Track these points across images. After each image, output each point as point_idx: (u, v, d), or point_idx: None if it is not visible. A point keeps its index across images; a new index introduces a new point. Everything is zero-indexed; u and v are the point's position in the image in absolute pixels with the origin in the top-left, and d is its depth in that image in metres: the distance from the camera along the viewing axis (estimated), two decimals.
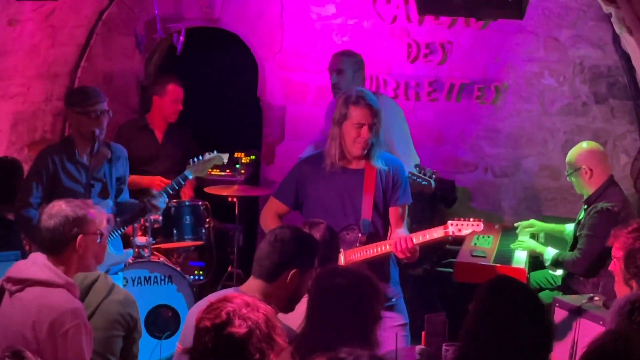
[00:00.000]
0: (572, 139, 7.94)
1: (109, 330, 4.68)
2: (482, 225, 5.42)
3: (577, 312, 5.33)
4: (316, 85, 8.57)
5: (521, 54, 8.15)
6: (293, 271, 4.21)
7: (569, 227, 6.93)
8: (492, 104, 8.25)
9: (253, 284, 4.22)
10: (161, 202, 6.46)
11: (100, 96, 6.23)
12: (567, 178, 6.71)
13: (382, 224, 5.61)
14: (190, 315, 4.21)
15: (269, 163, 8.79)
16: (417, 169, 6.38)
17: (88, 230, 4.45)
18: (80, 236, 4.39)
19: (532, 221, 7.20)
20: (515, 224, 7.09)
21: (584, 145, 6.73)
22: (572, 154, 6.68)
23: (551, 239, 7.17)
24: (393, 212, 5.63)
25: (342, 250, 5.40)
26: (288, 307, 4.25)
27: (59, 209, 4.42)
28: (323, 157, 5.59)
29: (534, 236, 7.16)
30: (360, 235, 5.47)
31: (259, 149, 8.82)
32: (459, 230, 5.40)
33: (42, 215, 4.45)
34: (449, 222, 5.40)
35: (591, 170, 6.54)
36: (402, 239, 5.36)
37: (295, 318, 4.13)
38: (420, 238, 5.40)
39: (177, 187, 6.67)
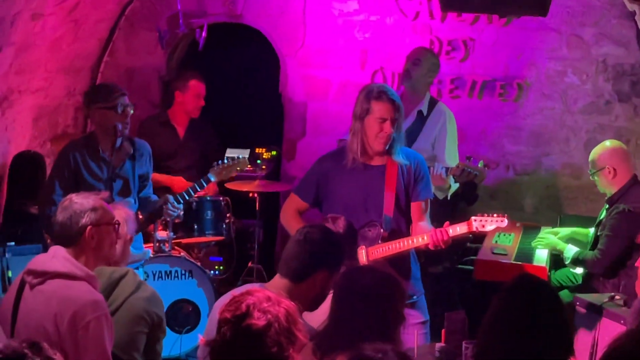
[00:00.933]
0: (594, 137, 7.91)
1: (134, 327, 4.69)
2: (506, 221, 5.39)
3: (598, 310, 5.32)
4: (338, 82, 8.57)
5: (544, 52, 8.13)
6: (322, 273, 4.22)
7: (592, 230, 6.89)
8: (514, 102, 8.22)
9: (279, 282, 4.22)
10: (176, 212, 6.44)
11: (121, 90, 6.23)
12: (590, 177, 6.67)
13: (403, 220, 5.59)
14: (215, 309, 4.22)
15: (289, 159, 8.79)
16: (468, 160, 6.39)
17: (98, 220, 4.45)
18: (89, 227, 4.41)
19: (557, 229, 7.14)
20: (533, 243, 7.02)
21: (607, 144, 6.69)
22: (595, 153, 6.64)
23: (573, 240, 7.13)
24: (415, 207, 5.61)
25: (364, 247, 5.39)
26: (313, 306, 4.26)
27: (70, 202, 4.44)
28: (344, 154, 5.58)
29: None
30: (382, 231, 5.45)
31: (280, 144, 8.82)
32: (483, 226, 5.36)
33: (57, 209, 4.48)
34: (473, 218, 5.37)
35: (614, 169, 6.50)
36: (439, 230, 5.32)
37: (319, 315, 4.13)
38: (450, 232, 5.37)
39: (199, 189, 6.65)
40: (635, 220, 6.29)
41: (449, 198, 6.54)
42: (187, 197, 6.57)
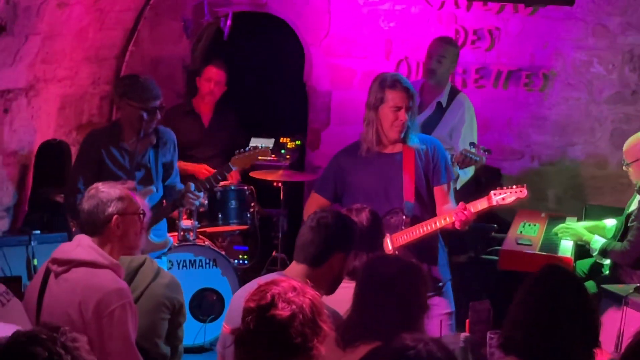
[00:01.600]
0: (620, 127, 7.88)
1: (155, 313, 4.71)
2: (525, 191, 5.35)
3: (623, 301, 5.29)
4: (362, 71, 8.56)
5: (570, 41, 8.08)
6: (337, 255, 4.22)
7: (610, 224, 6.84)
8: (539, 92, 8.19)
9: (297, 269, 4.21)
10: (197, 201, 6.42)
11: (157, 91, 6.16)
12: (624, 167, 6.59)
13: (425, 204, 5.59)
14: (236, 297, 4.23)
15: (314, 148, 8.79)
16: (471, 146, 6.37)
17: (125, 210, 4.47)
18: (115, 216, 4.43)
19: (573, 223, 7.09)
20: (555, 229, 6.99)
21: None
22: (630, 144, 6.55)
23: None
24: (438, 191, 5.61)
25: (387, 234, 5.38)
26: (331, 289, 4.26)
27: (96, 191, 4.46)
28: (358, 146, 5.58)
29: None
30: (404, 218, 5.45)
31: (304, 134, 8.82)
32: (503, 199, 5.33)
33: (83, 198, 4.49)
34: (492, 192, 5.35)
35: None
36: (463, 209, 5.31)
37: (344, 303, 4.13)
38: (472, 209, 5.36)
39: (220, 178, 6.62)
40: None
41: (457, 189, 6.50)
42: (207, 186, 6.53)
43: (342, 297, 4.18)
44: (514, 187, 5.39)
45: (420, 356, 2.92)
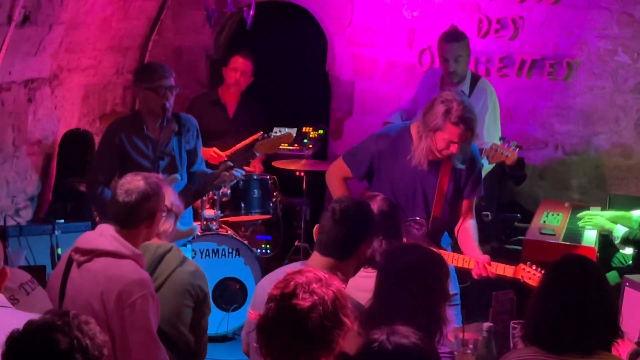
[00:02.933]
0: None
1: (179, 300, 4.72)
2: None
3: None
4: (385, 61, 8.54)
5: (594, 30, 8.03)
6: (364, 246, 4.25)
7: (636, 214, 6.80)
8: (563, 81, 8.14)
9: (322, 261, 4.20)
10: (237, 176, 6.42)
11: (166, 71, 6.19)
12: None
13: (448, 219, 5.64)
14: (262, 284, 4.26)
15: (336, 138, 8.78)
16: (502, 141, 6.35)
17: (159, 208, 4.52)
18: (150, 213, 4.46)
19: (598, 212, 7.06)
20: (579, 215, 6.96)
21: None
22: None
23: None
24: (465, 204, 5.67)
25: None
26: (354, 274, 4.29)
27: (138, 185, 4.46)
28: (404, 139, 5.54)
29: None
30: (425, 234, 5.48)
31: (327, 123, 8.81)
32: (529, 279, 5.29)
33: (119, 189, 4.48)
34: (522, 265, 5.34)
35: None
36: (483, 266, 5.37)
37: (366, 292, 4.14)
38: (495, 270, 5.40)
39: (246, 165, 6.62)
40: None
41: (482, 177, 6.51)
42: (234, 165, 6.49)
43: (364, 286, 4.19)
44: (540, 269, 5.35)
45: (383, 349, 2.96)
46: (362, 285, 4.26)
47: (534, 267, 5.31)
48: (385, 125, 6.76)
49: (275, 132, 6.76)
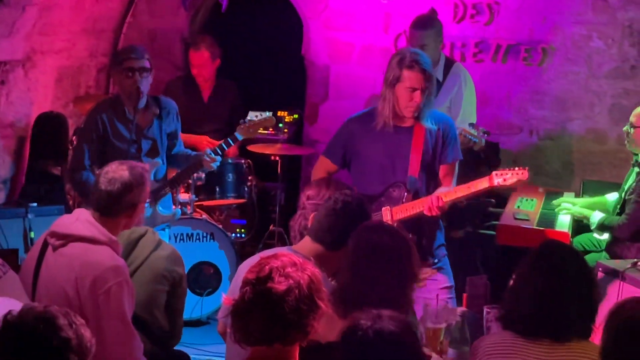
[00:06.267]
0: (619, 102, 7.86)
1: (154, 285, 4.72)
2: (527, 174, 5.37)
3: (620, 276, 5.29)
4: (361, 45, 8.52)
5: (569, 16, 8.04)
6: None
7: (611, 198, 6.83)
8: (538, 66, 8.16)
9: (312, 246, 4.28)
10: (216, 163, 6.40)
11: (136, 53, 6.13)
12: (626, 128, 6.50)
13: (429, 182, 5.61)
14: (240, 270, 4.27)
15: (312, 122, 8.77)
16: (471, 126, 6.36)
17: (143, 198, 4.51)
18: (132, 203, 4.45)
19: (572, 199, 7.09)
20: (554, 202, 6.98)
21: None
22: None
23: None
24: (442, 170, 5.65)
25: (389, 207, 5.42)
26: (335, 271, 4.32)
27: (122, 175, 4.44)
28: (373, 115, 5.57)
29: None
30: (405, 193, 5.47)
31: (302, 108, 8.80)
32: (505, 180, 5.36)
33: (102, 176, 4.46)
34: (494, 172, 5.37)
35: None
36: (432, 196, 5.36)
37: None
38: (465, 191, 5.38)
39: (226, 148, 6.59)
40: None
41: None
42: (220, 152, 6.46)
43: None
44: (516, 168, 5.39)
45: (366, 337, 3.04)
46: None
47: (506, 170, 5.39)
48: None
49: (255, 116, 6.71)
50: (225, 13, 7.65)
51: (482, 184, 5.40)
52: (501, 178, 5.36)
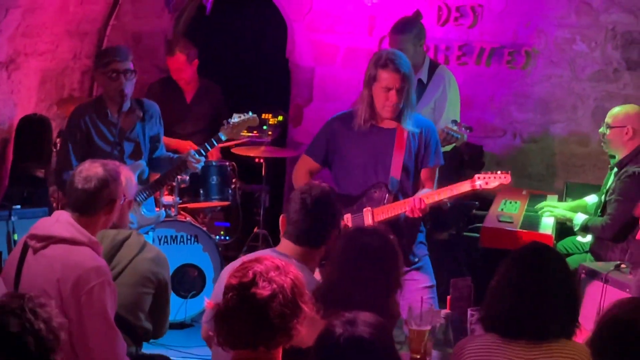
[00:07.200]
0: (602, 105, 7.88)
1: (139, 287, 4.71)
2: (509, 178, 5.41)
3: (603, 279, 5.32)
4: (345, 47, 8.53)
5: (553, 19, 8.08)
6: (334, 232, 4.36)
7: (590, 200, 6.86)
8: (522, 69, 8.19)
9: (296, 249, 4.28)
10: (200, 164, 6.40)
11: (120, 55, 6.11)
12: (602, 129, 6.55)
13: (410, 184, 5.61)
14: (223, 275, 4.26)
15: (296, 125, 8.77)
16: (453, 123, 6.37)
17: (118, 194, 4.49)
18: (109, 200, 4.43)
19: (554, 203, 7.12)
20: (537, 206, 7.01)
21: (635, 107, 6.59)
22: (620, 111, 6.49)
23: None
24: (423, 173, 5.66)
25: (370, 208, 5.43)
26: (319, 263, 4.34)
27: (96, 172, 4.43)
28: (352, 116, 5.59)
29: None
30: (387, 194, 5.48)
31: (286, 110, 8.80)
32: (487, 183, 5.41)
33: (76, 176, 4.45)
34: (476, 175, 5.41)
35: (634, 131, 6.43)
36: (414, 198, 5.38)
37: None
38: (447, 193, 5.40)
39: (209, 149, 6.58)
40: None
41: None
42: (203, 153, 6.46)
43: None
44: (499, 172, 5.43)
45: (337, 345, 3.03)
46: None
47: (488, 173, 5.43)
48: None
49: (238, 117, 6.71)
50: (210, 15, 7.65)
51: (464, 186, 5.43)
52: (483, 181, 5.40)
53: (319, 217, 4.30)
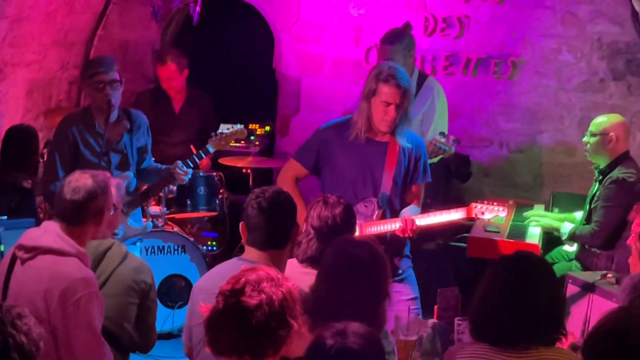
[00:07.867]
0: (588, 115, 7.90)
1: (123, 297, 4.71)
2: (506, 211, 5.47)
3: (589, 288, 5.33)
4: (332, 58, 8.55)
5: (539, 29, 8.11)
6: (295, 228, 4.42)
7: (579, 215, 6.87)
8: (508, 79, 8.22)
9: (261, 255, 4.29)
10: (188, 176, 6.40)
11: (106, 66, 6.09)
12: (586, 138, 6.57)
13: (399, 200, 5.63)
14: (196, 287, 4.35)
15: (283, 135, 8.78)
16: (441, 135, 6.39)
17: (107, 205, 4.49)
18: (98, 211, 4.43)
19: (542, 212, 7.14)
20: (525, 214, 7.02)
21: (617, 116, 6.64)
22: (603, 119, 6.54)
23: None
24: (411, 190, 5.70)
25: (358, 222, 5.40)
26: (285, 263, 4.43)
27: (85, 183, 4.43)
28: (348, 125, 5.59)
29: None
30: (377, 209, 5.49)
31: (273, 120, 8.81)
32: (482, 213, 5.46)
33: (65, 186, 4.45)
34: (473, 204, 5.46)
35: (617, 138, 6.46)
36: (407, 219, 5.41)
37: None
38: (440, 219, 5.47)
39: (197, 161, 6.58)
40: (630, 189, 6.28)
41: None
42: (191, 165, 6.46)
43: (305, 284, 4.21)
44: (495, 204, 5.48)
45: (328, 356, 3.03)
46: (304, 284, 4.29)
47: (485, 203, 5.53)
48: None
49: (227, 129, 6.71)
50: (197, 26, 7.65)
51: (459, 214, 5.50)
52: (479, 210, 5.49)
53: (279, 219, 4.30)
